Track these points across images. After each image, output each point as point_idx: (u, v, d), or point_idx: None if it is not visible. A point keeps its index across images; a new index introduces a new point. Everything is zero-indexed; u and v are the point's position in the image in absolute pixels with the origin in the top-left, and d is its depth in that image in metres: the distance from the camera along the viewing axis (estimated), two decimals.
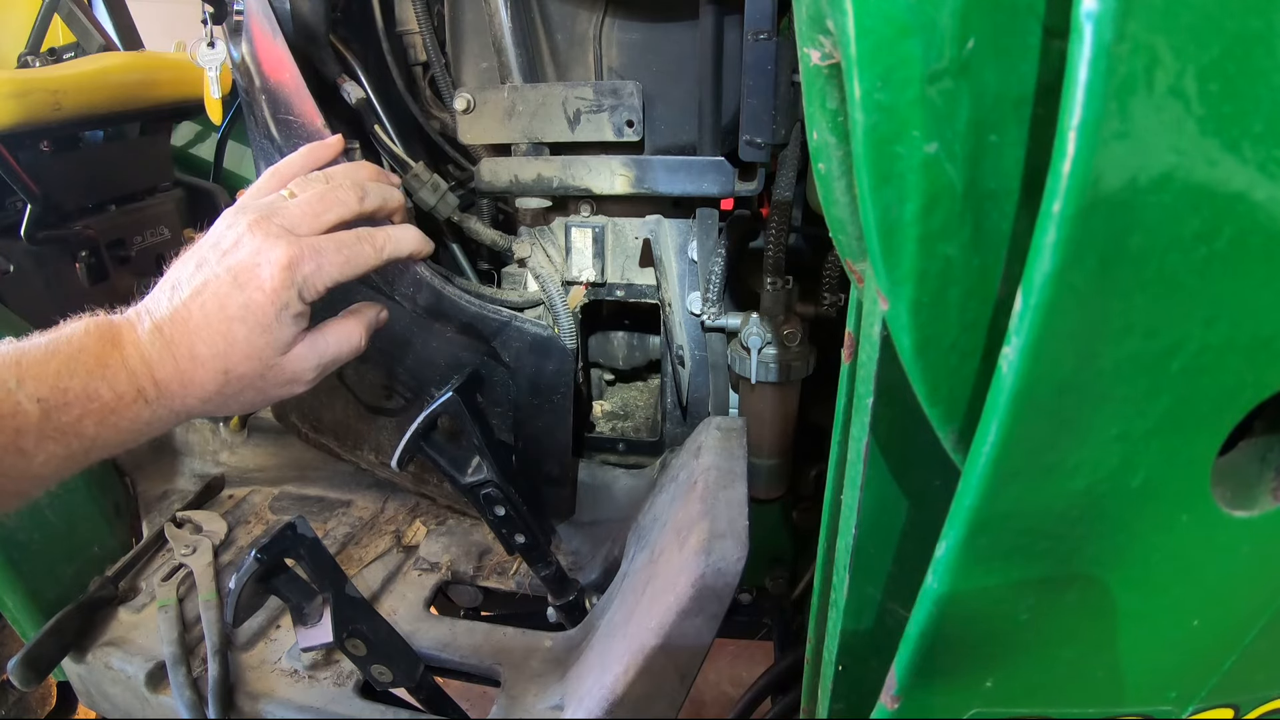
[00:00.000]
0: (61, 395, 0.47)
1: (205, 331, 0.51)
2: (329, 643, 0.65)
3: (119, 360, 0.49)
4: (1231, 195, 0.24)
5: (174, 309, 0.52)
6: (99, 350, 0.49)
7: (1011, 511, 0.31)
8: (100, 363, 0.49)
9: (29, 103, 1.05)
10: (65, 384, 0.47)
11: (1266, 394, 0.28)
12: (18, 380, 0.46)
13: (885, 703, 0.39)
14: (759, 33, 0.73)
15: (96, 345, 0.49)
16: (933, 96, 0.26)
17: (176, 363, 0.51)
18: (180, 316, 0.52)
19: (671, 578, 0.65)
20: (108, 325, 0.51)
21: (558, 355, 0.89)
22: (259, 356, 0.53)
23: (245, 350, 0.52)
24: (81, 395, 0.47)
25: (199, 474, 1.17)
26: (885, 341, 0.37)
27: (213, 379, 0.52)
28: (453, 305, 0.87)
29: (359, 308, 0.62)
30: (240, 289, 0.52)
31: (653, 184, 0.83)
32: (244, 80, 0.88)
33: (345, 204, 0.58)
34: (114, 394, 0.49)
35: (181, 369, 0.51)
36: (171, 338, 0.51)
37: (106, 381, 0.48)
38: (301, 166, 0.63)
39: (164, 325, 0.51)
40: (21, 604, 0.89)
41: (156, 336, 0.51)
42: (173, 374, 0.51)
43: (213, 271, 0.52)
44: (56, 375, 0.47)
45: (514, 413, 0.93)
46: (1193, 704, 0.39)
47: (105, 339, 0.50)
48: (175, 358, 0.51)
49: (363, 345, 0.60)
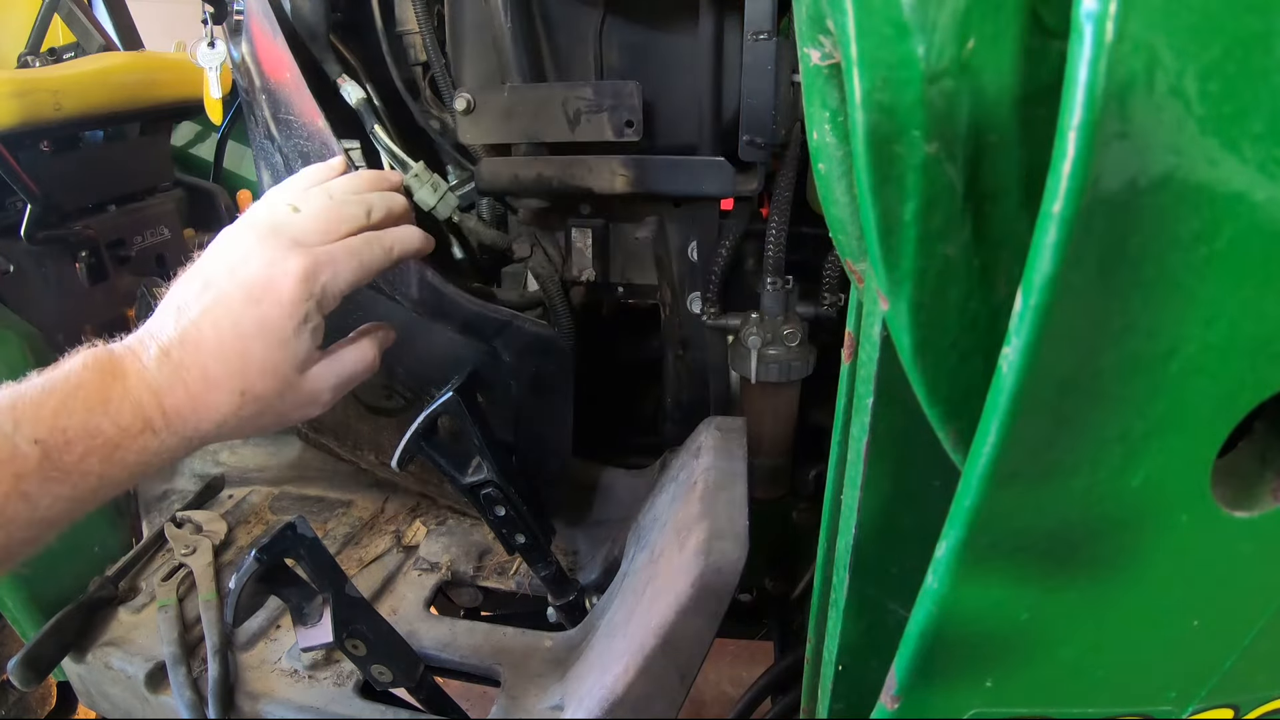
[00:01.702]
0: (61, 435, 0.44)
1: (218, 352, 0.49)
2: (329, 643, 0.65)
3: (121, 392, 0.47)
4: (1231, 195, 0.24)
5: (182, 331, 0.49)
6: (98, 384, 0.47)
7: (1011, 511, 0.31)
8: (101, 397, 0.46)
9: (29, 103, 1.05)
10: (64, 423, 0.45)
11: (1266, 394, 0.28)
12: (14, 423, 0.43)
13: (885, 703, 0.39)
14: (759, 33, 0.73)
15: (96, 379, 0.47)
16: (933, 96, 0.26)
17: (188, 387, 0.49)
18: (190, 338, 0.49)
19: (671, 578, 0.65)
20: (107, 357, 0.48)
21: (558, 355, 0.89)
22: (277, 374, 0.51)
23: (262, 368, 0.50)
24: (82, 433, 0.45)
25: (199, 474, 1.17)
26: (885, 341, 0.37)
27: (228, 401, 0.50)
28: (453, 304, 0.87)
29: (369, 328, 0.61)
30: (255, 304, 0.50)
31: (653, 184, 0.83)
32: (244, 80, 0.88)
33: (354, 219, 0.56)
34: (117, 428, 0.46)
35: (193, 393, 0.49)
36: (181, 361, 0.49)
37: (109, 416, 0.46)
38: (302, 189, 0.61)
39: (172, 349, 0.49)
40: (21, 604, 0.89)
41: (164, 361, 0.49)
42: (184, 400, 0.49)
43: (223, 289, 0.50)
44: (54, 415, 0.45)
45: (514, 412, 0.93)
46: (1193, 704, 0.39)
47: (105, 371, 0.47)
48: (186, 382, 0.48)
49: (377, 364, 0.59)
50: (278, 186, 0.62)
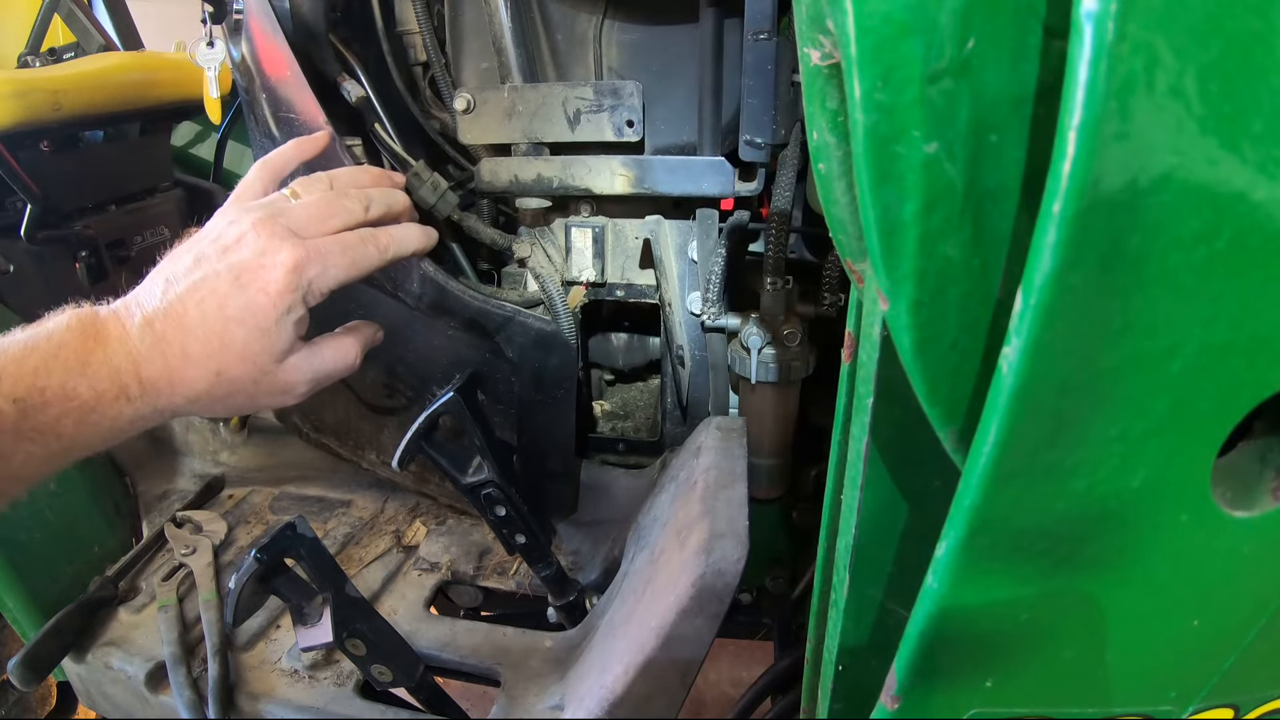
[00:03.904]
0: (39, 395, 0.45)
1: (201, 330, 0.50)
2: (329, 643, 0.65)
3: (102, 357, 0.47)
4: (1231, 195, 0.24)
5: (168, 304, 0.50)
6: (80, 346, 0.47)
7: (1011, 512, 0.31)
8: (80, 360, 0.47)
9: (29, 103, 1.05)
10: (43, 383, 0.45)
11: (1266, 394, 0.28)
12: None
13: (885, 703, 0.39)
14: (759, 33, 0.73)
15: (78, 341, 0.47)
16: (933, 96, 0.26)
17: (166, 360, 0.49)
18: (175, 312, 0.50)
19: (672, 578, 0.65)
20: (92, 320, 0.49)
21: (561, 350, 0.88)
22: (254, 361, 0.51)
23: (241, 353, 0.51)
24: (60, 394, 0.46)
25: (199, 474, 1.17)
26: (885, 341, 0.37)
27: (203, 379, 0.50)
28: (457, 301, 0.87)
29: (356, 325, 0.61)
30: (242, 289, 0.50)
31: (653, 184, 0.83)
32: (244, 79, 0.88)
33: (351, 212, 0.57)
34: (94, 392, 0.47)
35: (171, 366, 0.49)
36: (163, 334, 0.49)
37: (86, 379, 0.47)
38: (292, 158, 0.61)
39: (156, 320, 0.49)
40: (21, 604, 0.89)
41: (147, 331, 0.49)
42: (161, 371, 0.49)
43: (213, 268, 0.51)
44: (34, 374, 0.45)
45: (518, 409, 0.93)
46: (1193, 704, 0.39)
47: (88, 334, 0.48)
48: (165, 355, 0.49)
49: (357, 364, 0.59)
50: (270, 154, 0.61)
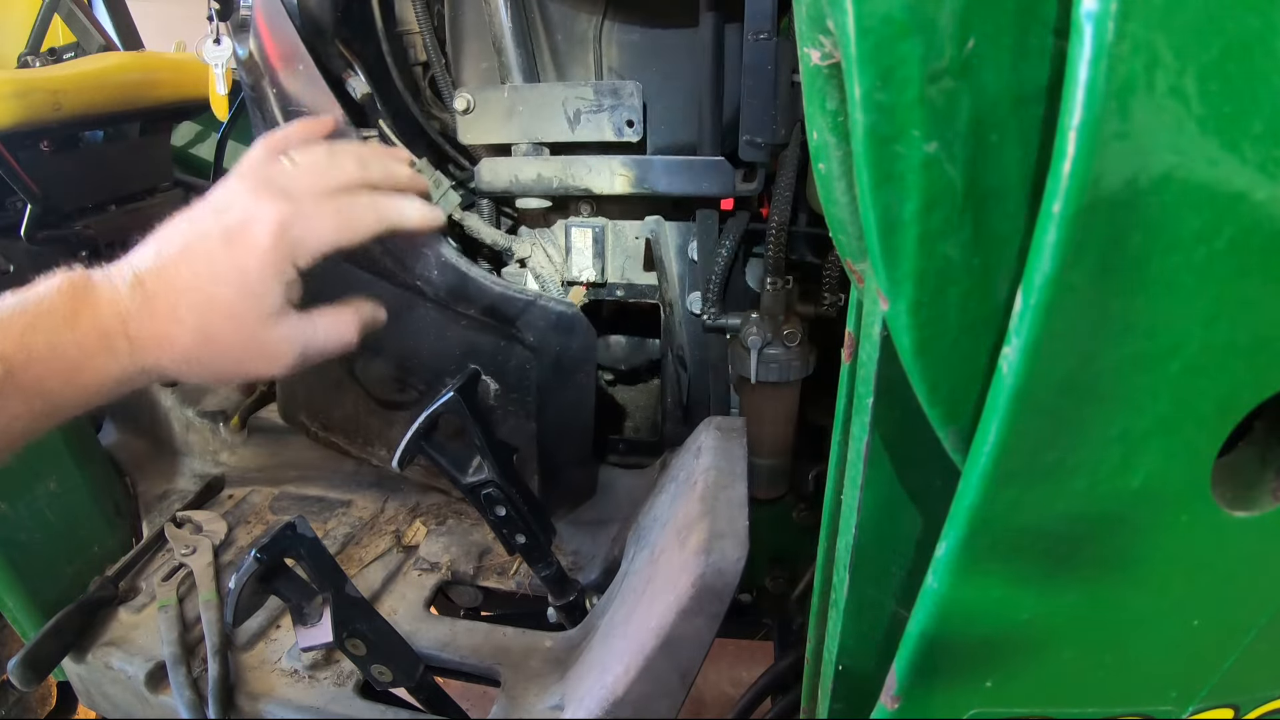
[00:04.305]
0: (25, 353, 0.45)
1: (190, 289, 0.49)
2: (329, 643, 0.65)
3: (90, 315, 0.47)
4: (1231, 195, 0.24)
5: (160, 263, 0.50)
6: (69, 307, 0.47)
7: (1012, 511, 0.31)
8: (69, 319, 0.47)
9: (29, 103, 1.05)
10: (29, 340, 0.45)
11: (1266, 394, 0.28)
12: None
13: (885, 703, 0.39)
14: (759, 33, 0.73)
15: (67, 303, 0.47)
16: (933, 96, 0.26)
17: (154, 318, 0.49)
18: (166, 271, 0.50)
19: (672, 577, 0.65)
20: (84, 281, 0.49)
21: (581, 332, 0.88)
22: (242, 322, 0.51)
23: (228, 312, 0.50)
24: (46, 352, 0.45)
25: (199, 474, 1.18)
26: (885, 341, 0.37)
27: (190, 338, 0.50)
28: (477, 286, 0.86)
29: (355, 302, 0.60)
30: (230, 248, 0.50)
31: (653, 184, 0.83)
32: (250, 76, 0.88)
33: (345, 169, 0.56)
34: (80, 350, 0.47)
35: (159, 325, 0.49)
36: (154, 291, 0.49)
37: (74, 337, 0.46)
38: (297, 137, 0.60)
39: (146, 278, 0.49)
40: (21, 604, 0.89)
41: (138, 290, 0.49)
42: (148, 329, 0.49)
43: (205, 228, 0.51)
44: (21, 333, 0.45)
45: (536, 395, 0.92)
46: (1193, 704, 0.39)
47: (78, 295, 0.48)
48: (154, 313, 0.49)
49: (354, 342, 0.58)
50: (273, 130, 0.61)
